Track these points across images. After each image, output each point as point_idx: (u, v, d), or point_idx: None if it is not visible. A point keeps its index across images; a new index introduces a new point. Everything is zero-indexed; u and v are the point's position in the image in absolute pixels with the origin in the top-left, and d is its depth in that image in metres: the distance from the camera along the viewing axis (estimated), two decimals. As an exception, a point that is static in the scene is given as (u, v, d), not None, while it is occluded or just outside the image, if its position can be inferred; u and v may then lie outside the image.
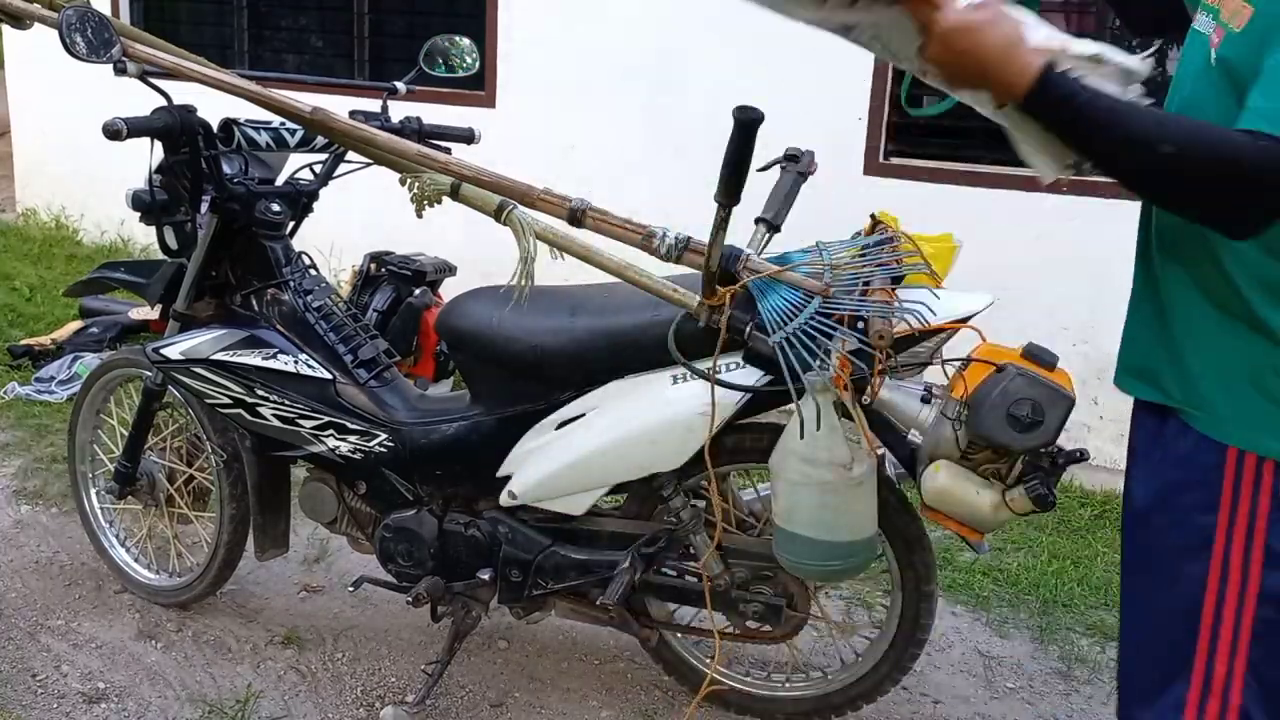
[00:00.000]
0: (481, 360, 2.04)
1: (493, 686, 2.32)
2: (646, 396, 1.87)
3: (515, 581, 2.08)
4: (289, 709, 2.22)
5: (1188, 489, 1.31)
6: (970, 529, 1.67)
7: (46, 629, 2.47)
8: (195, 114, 2.11)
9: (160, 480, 2.52)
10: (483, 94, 4.60)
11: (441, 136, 2.45)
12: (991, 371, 1.60)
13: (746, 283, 1.74)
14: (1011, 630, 2.64)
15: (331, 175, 2.38)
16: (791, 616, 2.01)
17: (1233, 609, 1.29)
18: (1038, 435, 1.56)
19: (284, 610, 2.59)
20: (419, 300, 3.35)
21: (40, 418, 3.62)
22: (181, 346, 2.17)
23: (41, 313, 4.58)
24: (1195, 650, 1.31)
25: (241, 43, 5.41)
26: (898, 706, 2.30)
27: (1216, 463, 1.28)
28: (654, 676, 2.34)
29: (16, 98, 6.09)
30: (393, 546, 2.15)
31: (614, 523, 2.07)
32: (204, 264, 2.24)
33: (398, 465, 2.11)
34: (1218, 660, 1.30)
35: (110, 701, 2.23)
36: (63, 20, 1.88)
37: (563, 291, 2.05)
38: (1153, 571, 1.37)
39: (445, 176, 1.87)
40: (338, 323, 2.20)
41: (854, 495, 1.71)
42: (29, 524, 2.95)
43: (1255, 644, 1.28)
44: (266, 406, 2.14)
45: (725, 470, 1.98)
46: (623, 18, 4.31)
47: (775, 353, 1.70)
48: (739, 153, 1.54)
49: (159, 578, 2.59)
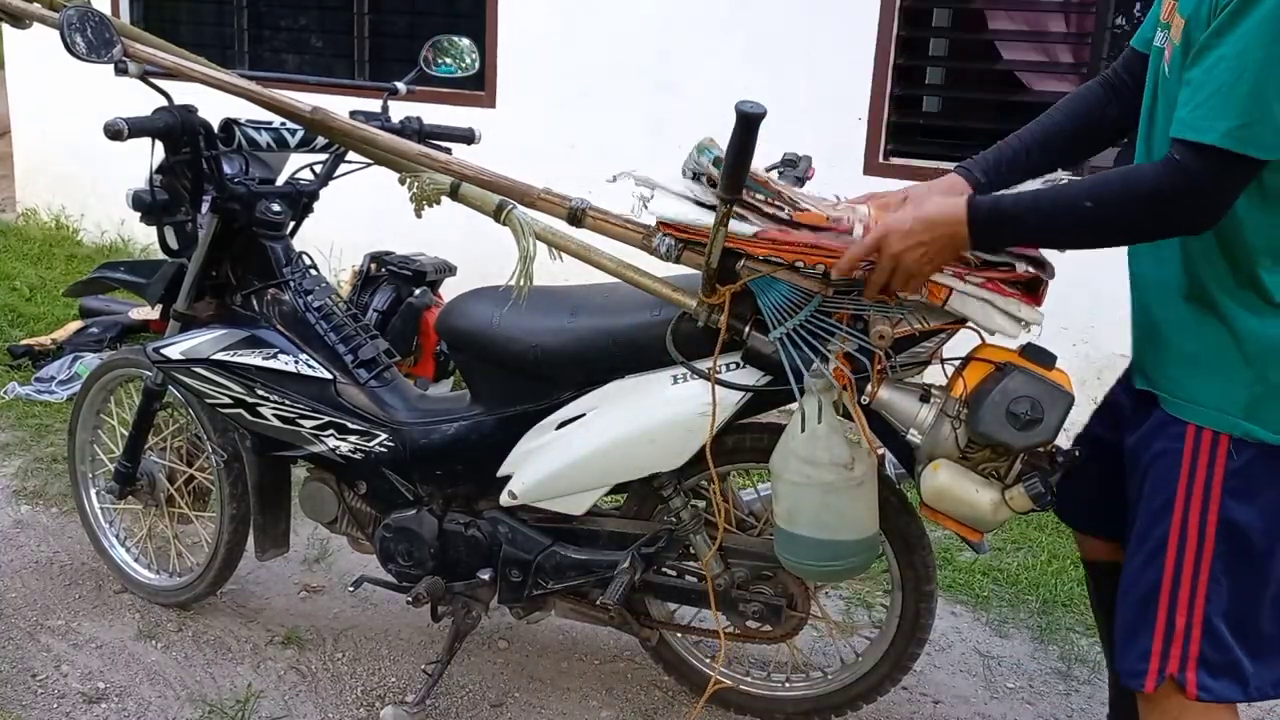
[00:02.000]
0: (481, 360, 2.04)
1: (493, 686, 2.32)
2: (647, 396, 1.87)
3: (515, 581, 2.08)
4: (289, 709, 2.22)
5: (1156, 462, 1.48)
6: (970, 528, 1.67)
7: (46, 629, 2.47)
8: (196, 114, 2.12)
9: (160, 480, 2.52)
10: (483, 94, 4.60)
11: (441, 136, 2.45)
12: (991, 370, 1.60)
13: (746, 281, 1.74)
14: (1011, 630, 2.65)
15: (332, 175, 2.38)
16: (791, 616, 2.01)
17: (1190, 566, 1.45)
18: (1037, 434, 1.56)
19: (284, 610, 2.59)
20: (419, 300, 3.35)
21: (40, 418, 3.63)
22: (182, 346, 2.18)
23: (41, 313, 4.58)
24: (1159, 605, 1.47)
25: (241, 43, 5.41)
26: (898, 706, 2.30)
27: (1178, 440, 1.44)
28: (654, 676, 2.34)
29: (16, 98, 6.09)
30: (393, 546, 2.15)
31: (614, 523, 2.07)
32: (204, 264, 2.24)
33: (398, 465, 2.12)
34: (1178, 613, 1.46)
35: (110, 701, 2.23)
36: (63, 20, 1.89)
37: (563, 291, 2.05)
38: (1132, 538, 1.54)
39: (445, 176, 1.87)
40: (338, 323, 2.20)
41: (855, 495, 1.71)
42: (29, 524, 2.95)
43: (1209, 600, 1.44)
44: (267, 406, 2.14)
45: (725, 470, 1.98)
46: (622, 18, 4.31)
47: (775, 351, 1.70)
48: (741, 147, 1.54)
49: (159, 578, 2.59)
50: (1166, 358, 1.48)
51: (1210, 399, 1.42)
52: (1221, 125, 1.26)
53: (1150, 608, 1.48)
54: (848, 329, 1.69)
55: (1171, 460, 1.45)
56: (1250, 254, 1.38)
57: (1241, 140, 1.26)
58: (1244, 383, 1.40)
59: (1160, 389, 1.49)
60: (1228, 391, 1.41)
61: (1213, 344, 1.42)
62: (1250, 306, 1.40)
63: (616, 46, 4.33)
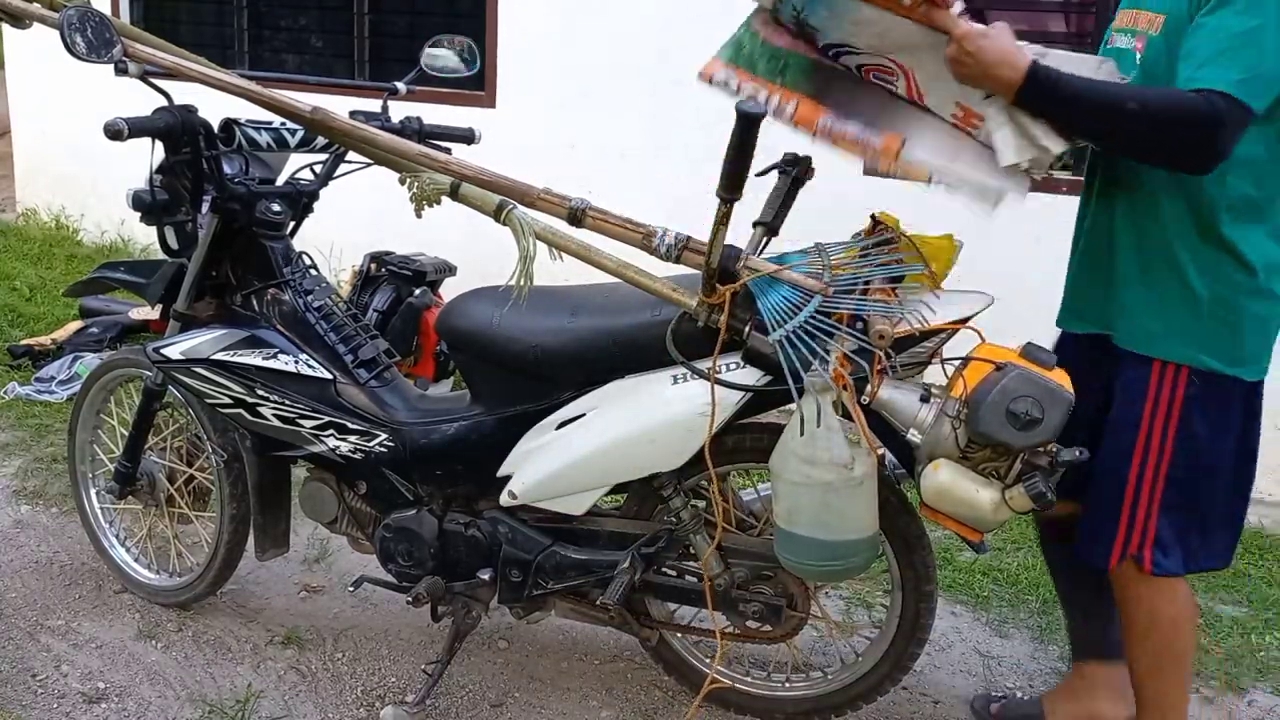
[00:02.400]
0: (481, 360, 2.04)
1: (493, 686, 2.32)
2: (646, 396, 1.87)
3: (515, 581, 2.08)
4: (289, 709, 2.22)
5: (1124, 391, 1.78)
6: (970, 528, 1.68)
7: (46, 629, 2.47)
8: (196, 114, 2.12)
9: (160, 480, 2.52)
10: (483, 94, 4.60)
11: (441, 136, 2.45)
12: (991, 370, 1.61)
13: (746, 281, 1.74)
14: (1011, 630, 2.65)
15: (332, 175, 2.38)
16: (791, 616, 2.01)
17: (1152, 470, 1.78)
18: (1037, 433, 1.56)
19: (284, 610, 2.59)
20: (419, 300, 3.36)
21: (40, 418, 3.63)
22: (182, 346, 2.18)
23: (41, 313, 4.58)
24: (1124, 499, 1.80)
25: (241, 43, 5.41)
26: (898, 706, 2.30)
27: (1145, 371, 1.75)
28: (654, 676, 2.34)
29: (16, 98, 6.09)
30: (393, 546, 2.15)
31: (614, 523, 2.07)
32: (204, 264, 2.24)
33: (398, 465, 2.12)
34: (1139, 506, 1.80)
35: (110, 701, 2.23)
36: (63, 20, 1.88)
37: (563, 291, 2.06)
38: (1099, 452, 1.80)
39: (445, 176, 1.87)
40: (338, 323, 2.20)
41: (854, 495, 1.71)
42: (29, 524, 2.95)
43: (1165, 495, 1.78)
44: (267, 406, 2.14)
45: (725, 470, 1.98)
46: (622, 18, 4.31)
47: (775, 352, 1.70)
48: (741, 147, 1.54)
49: (159, 578, 2.59)
50: (1132, 304, 1.77)
51: (1174, 337, 1.73)
52: (1232, 76, 1.52)
53: (1117, 502, 1.80)
54: (847, 329, 1.69)
55: (1139, 388, 1.76)
56: (1213, 209, 1.67)
57: (1246, 92, 1.52)
58: (1201, 323, 1.71)
59: (1122, 331, 1.79)
60: (1188, 331, 1.72)
61: (1176, 291, 1.71)
62: (1208, 258, 1.69)
63: (616, 46, 4.33)
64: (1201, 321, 1.71)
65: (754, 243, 1.95)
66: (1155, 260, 1.73)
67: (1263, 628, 2.72)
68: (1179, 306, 1.71)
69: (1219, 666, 2.53)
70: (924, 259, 1.74)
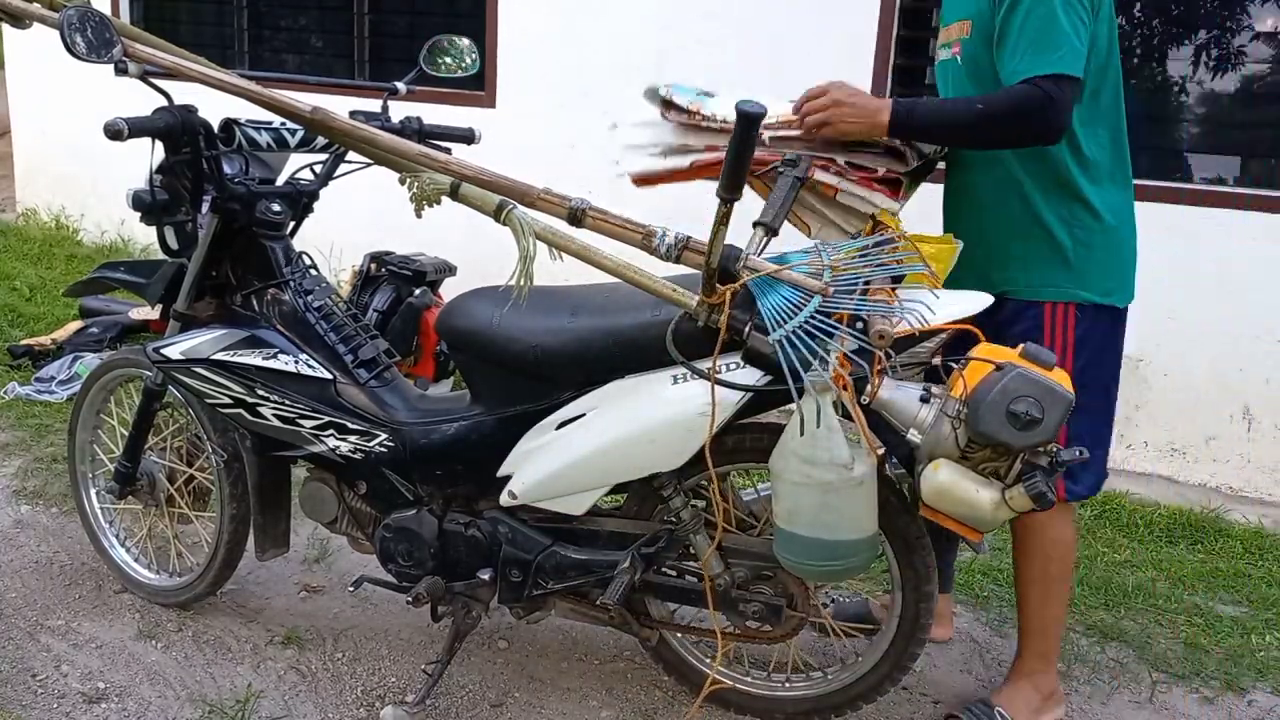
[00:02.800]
0: (481, 360, 2.04)
1: (493, 686, 2.32)
2: (646, 396, 1.87)
3: (515, 581, 2.08)
4: (289, 709, 2.22)
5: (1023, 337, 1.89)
6: (970, 528, 1.68)
7: (46, 629, 2.47)
8: (196, 114, 2.11)
9: (160, 480, 2.52)
10: (483, 94, 4.61)
11: (441, 136, 2.45)
12: (990, 370, 1.61)
13: (746, 281, 1.74)
14: (1011, 630, 2.64)
15: (332, 175, 2.38)
16: (791, 616, 2.01)
17: None
18: (1037, 433, 1.57)
19: (284, 610, 2.59)
20: (419, 300, 3.36)
21: (40, 418, 3.63)
22: (182, 346, 2.18)
23: (41, 313, 4.58)
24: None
25: (241, 43, 5.41)
26: (898, 706, 2.30)
27: (1038, 313, 1.99)
28: (654, 676, 2.34)
29: (16, 98, 6.09)
30: (393, 546, 2.15)
31: (614, 523, 2.07)
32: (204, 264, 2.24)
33: (398, 465, 2.12)
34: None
35: (110, 701, 2.23)
36: (63, 20, 1.88)
37: (563, 291, 2.06)
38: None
39: (445, 176, 1.87)
40: (338, 323, 2.20)
41: (855, 495, 1.71)
42: (29, 524, 2.95)
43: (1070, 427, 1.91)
44: (267, 406, 2.14)
45: (725, 470, 1.98)
46: (622, 18, 4.31)
47: (775, 352, 1.70)
48: (741, 147, 1.54)
49: (159, 578, 2.59)
50: (1011, 264, 2.01)
51: (1052, 282, 1.98)
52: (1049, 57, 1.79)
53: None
54: (847, 329, 1.69)
55: (1036, 335, 1.97)
56: (1066, 166, 1.94)
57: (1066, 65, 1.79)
58: (1071, 265, 1.97)
59: (1011, 286, 2.00)
60: (1062, 274, 1.98)
61: (1045, 242, 1.98)
62: (1066, 207, 1.96)
63: (616, 46, 4.33)
64: (1071, 265, 1.98)
65: (754, 243, 1.95)
66: (1023, 222, 1.99)
67: (1263, 628, 2.72)
68: (1051, 256, 1.98)
69: (1219, 666, 2.53)
70: (924, 259, 1.75)
